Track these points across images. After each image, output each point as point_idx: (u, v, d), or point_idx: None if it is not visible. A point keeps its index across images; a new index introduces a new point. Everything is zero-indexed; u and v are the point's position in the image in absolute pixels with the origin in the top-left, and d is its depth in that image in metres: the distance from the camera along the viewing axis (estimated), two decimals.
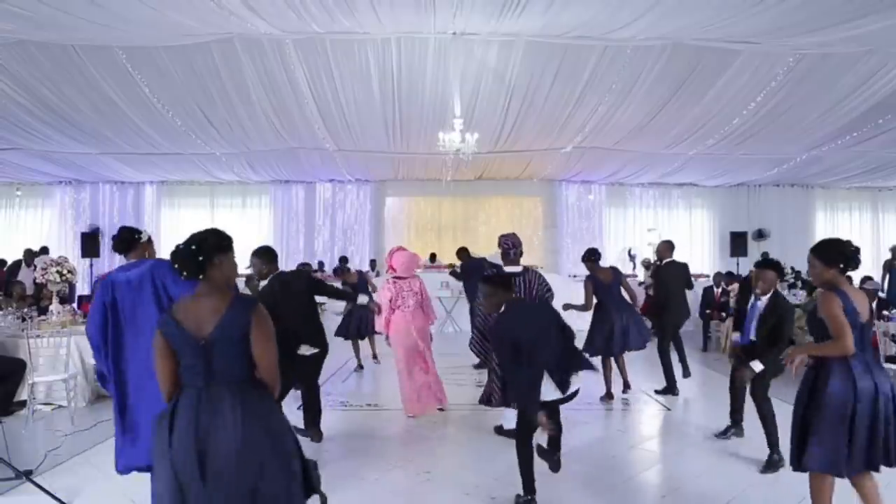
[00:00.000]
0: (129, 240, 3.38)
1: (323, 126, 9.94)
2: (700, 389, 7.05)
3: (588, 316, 6.40)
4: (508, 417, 5.26)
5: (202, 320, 2.21)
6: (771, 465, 4.21)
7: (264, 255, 4.82)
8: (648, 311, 9.06)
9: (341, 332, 8.08)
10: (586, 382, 6.90)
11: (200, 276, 2.27)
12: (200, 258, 2.24)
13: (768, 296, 4.46)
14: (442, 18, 6.85)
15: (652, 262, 11.53)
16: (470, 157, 9.20)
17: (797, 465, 3.02)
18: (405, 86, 8.60)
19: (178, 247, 2.28)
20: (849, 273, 3.07)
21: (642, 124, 9.89)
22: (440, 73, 8.24)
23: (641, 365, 8.08)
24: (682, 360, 6.96)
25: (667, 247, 7.14)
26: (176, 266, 2.27)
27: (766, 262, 4.61)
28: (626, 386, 6.56)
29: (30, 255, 11.30)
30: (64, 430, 5.09)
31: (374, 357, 8.58)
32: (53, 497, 3.57)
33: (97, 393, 6.24)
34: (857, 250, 3.03)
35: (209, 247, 2.27)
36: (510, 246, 4.87)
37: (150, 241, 3.49)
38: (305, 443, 4.83)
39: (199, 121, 9.63)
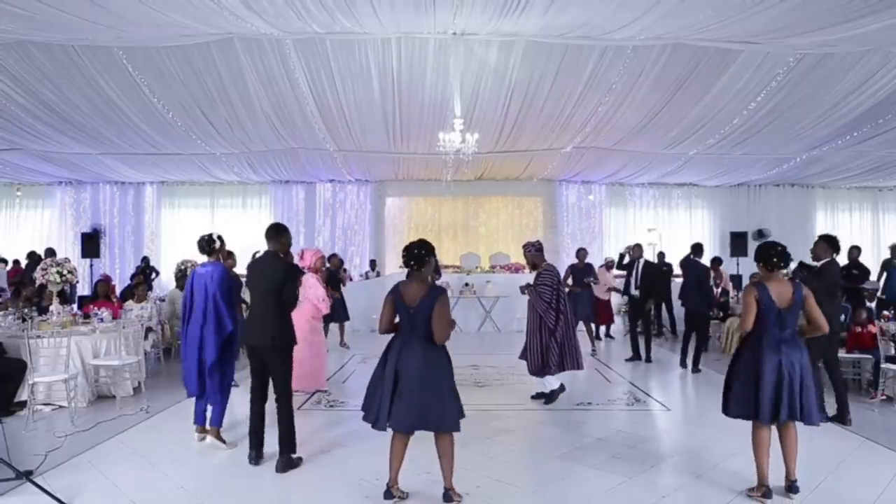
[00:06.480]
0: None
1: (323, 126, 9.94)
2: (700, 390, 7.06)
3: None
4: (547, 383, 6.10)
5: (412, 297, 3.52)
6: None
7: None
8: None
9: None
10: (584, 382, 7.02)
11: (420, 269, 3.56)
12: (427, 258, 3.58)
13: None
14: (442, 18, 6.85)
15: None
16: (470, 157, 9.20)
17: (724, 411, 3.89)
18: (405, 86, 8.60)
19: (411, 251, 3.57)
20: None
21: (642, 124, 9.89)
22: (440, 73, 8.24)
23: (643, 367, 8.24)
24: (647, 343, 8.56)
25: (639, 247, 9.00)
26: (411, 262, 3.56)
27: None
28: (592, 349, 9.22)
29: (38, 258, 11.25)
30: (64, 430, 5.09)
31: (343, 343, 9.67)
32: (53, 497, 3.57)
33: (97, 393, 6.25)
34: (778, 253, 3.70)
35: (427, 251, 3.60)
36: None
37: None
38: (306, 445, 4.84)
39: (199, 121, 9.63)
